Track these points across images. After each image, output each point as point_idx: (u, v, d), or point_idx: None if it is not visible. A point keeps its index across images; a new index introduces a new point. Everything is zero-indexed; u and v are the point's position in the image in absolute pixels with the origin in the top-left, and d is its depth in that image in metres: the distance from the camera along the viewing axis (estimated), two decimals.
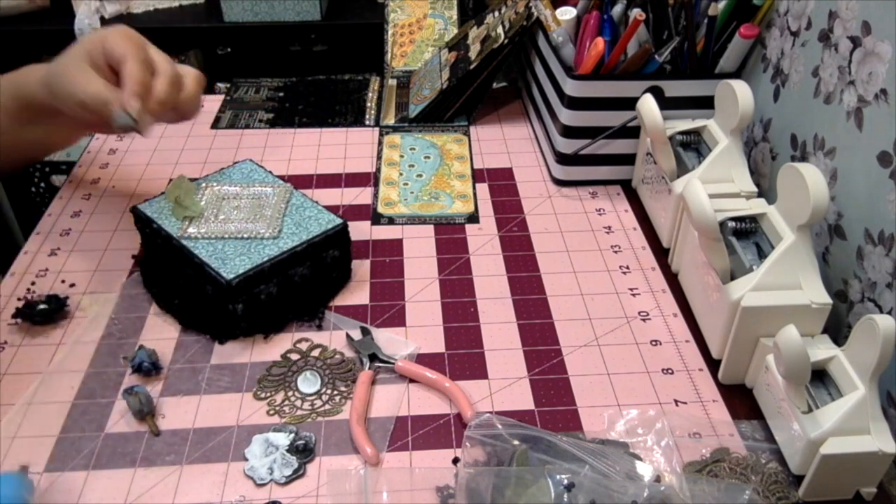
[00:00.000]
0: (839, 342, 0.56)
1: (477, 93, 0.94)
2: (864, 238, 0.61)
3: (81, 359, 0.62)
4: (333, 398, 0.59)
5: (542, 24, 0.85)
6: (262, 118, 0.97)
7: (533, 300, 0.69)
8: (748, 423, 0.58)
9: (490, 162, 0.89)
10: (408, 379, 0.61)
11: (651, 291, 0.70)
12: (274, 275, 0.63)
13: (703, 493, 0.51)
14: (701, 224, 0.58)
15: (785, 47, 0.75)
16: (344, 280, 0.70)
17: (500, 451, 0.52)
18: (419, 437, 0.56)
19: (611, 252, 0.75)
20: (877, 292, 0.60)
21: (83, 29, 1.57)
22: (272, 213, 0.66)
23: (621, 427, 0.57)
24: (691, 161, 0.74)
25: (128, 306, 0.67)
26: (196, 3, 1.66)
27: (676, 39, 0.77)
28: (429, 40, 1.08)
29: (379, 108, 0.99)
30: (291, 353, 0.63)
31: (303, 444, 0.54)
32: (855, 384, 0.51)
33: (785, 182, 0.60)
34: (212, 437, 0.56)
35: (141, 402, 0.57)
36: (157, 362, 0.61)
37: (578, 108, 0.79)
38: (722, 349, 0.61)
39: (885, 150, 0.59)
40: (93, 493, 0.52)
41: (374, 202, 0.81)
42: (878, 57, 0.60)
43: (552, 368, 0.62)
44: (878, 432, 0.50)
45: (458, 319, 0.67)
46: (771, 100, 0.77)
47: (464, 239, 0.76)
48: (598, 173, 0.84)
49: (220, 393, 0.59)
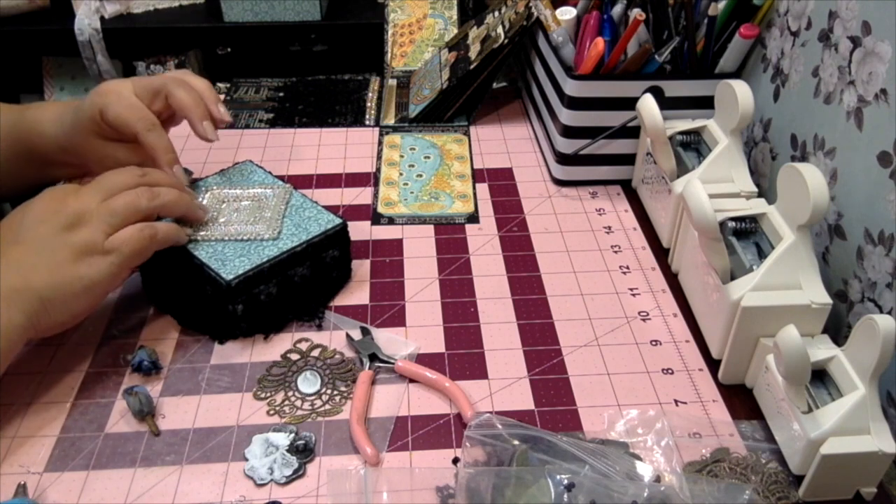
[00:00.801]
0: (839, 342, 0.56)
1: (477, 93, 0.94)
2: (864, 238, 0.61)
3: (81, 359, 0.62)
4: (333, 398, 0.59)
5: (542, 24, 0.85)
6: (262, 118, 0.97)
7: (533, 300, 0.69)
8: (748, 423, 0.58)
9: (490, 162, 0.89)
10: (408, 379, 0.61)
11: (651, 291, 0.70)
12: (274, 275, 0.63)
13: (703, 493, 0.51)
14: (701, 224, 0.58)
15: (785, 47, 0.75)
16: (344, 280, 0.70)
17: (500, 451, 0.52)
18: (419, 437, 0.56)
19: (611, 252, 0.75)
20: (877, 292, 0.60)
21: (83, 29, 1.57)
22: (272, 215, 0.66)
23: (621, 427, 0.57)
24: (691, 161, 0.74)
25: (128, 306, 0.67)
26: (196, 3, 1.66)
27: (676, 39, 0.77)
28: (429, 40, 1.08)
29: (379, 108, 0.99)
30: (291, 353, 0.63)
31: (303, 445, 0.54)
32: (855, 384, 0.51)
33: (785, 182, 0.60)
34: (212, 437, 0.56)
35: (141, 403, 0.57)
36: (157, 362, 0.61)
37: (578, 108, 0.79)
38: (722, 349, 0.61)
39: (885, 150, 0.59)
40: (93, 493, 0.52)
41: (374, 202, 0.81)
42: (878, 57, 0.60)
43: (552, 368, 0.62)
44: (878, 432, 0.50)
45: (458, 319, 0.67)
46: (771, 100, 0.77)
47: (464, 239, 0.76)
48: (598, 173, 0.84)
49: (220, 393, 0.59)
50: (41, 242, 0.55)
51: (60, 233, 0.56)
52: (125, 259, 0.58)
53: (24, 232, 0.56)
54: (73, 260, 0.55)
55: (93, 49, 1.60)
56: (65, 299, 0.55)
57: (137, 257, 0.59)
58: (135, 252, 0.58)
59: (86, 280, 0.56)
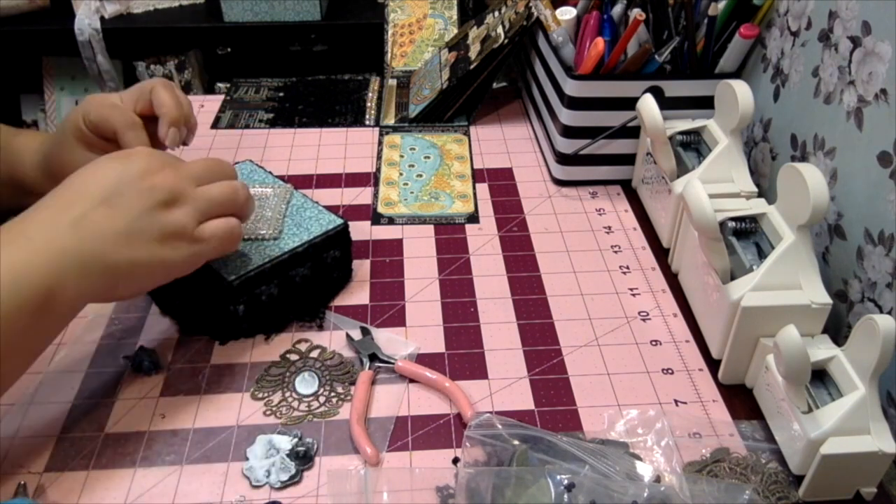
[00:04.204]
0: (839, 342, 0.56)
1: (477, 93, 0.94)
2: (864, 238, 0.61)
3: (81, 359, 0.62)
4: (331, 400, 0.59)
5: (542, 24, 0.85)
6: (262, 118, 0.97)
7: (533, 300, 0.69)
8: (748, 423, 0.58)
9: (490, 162, 0.89)
10: (408, 379, 0.61)
11: (651, 291, 0.70)
12: (275, 275, 0.63)
13: (703, 493, 0.51)
14: (701, 224, 0.58)
15: (785, 47, 0.75)
16: (344, 280, 0.70)
17: (500, 451, 0.52)
18: (419, 437, 0.56)
19: (611, 252, 0.75)
20: (877, 292, 0.60)
21: (83, 29, 1.57)
22: (273, 215, 0.66)
23: (621, 427, 0.57)
24: (691, 161, 0.74)
25: (128, 306, 0.67)
26: (196, 3, 1.66)
27: (676, 39, 0.77)
28: (429, 40, 1.08)
29: (379, 108, 0.99)
30: (290, 353, 0.63)
31: (303, 451, 0.54)
32: (855, 384, 0.51)
33: (785, 182, 0.60)
34: (212, 437, 0.56)
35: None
36: (157, 362, 0.61)
37: (578, 108, 0.79)
38: (722, 349, 0.61)
39: (885, 150, 0.59)
40: (93, 493, 0.52)
41: (374, 202, 0.81)
42: (878, 57, 0.60)
43: (552, 368, 0.62)
44: (878, 432, 0.50)
45: (458, 319, 0.67)
46: (771, 100, 0.77)
47: (464, 239, 0.76)
48: (598, 173, 0.84)
49: (220, 393, 0.59)
50: (132, 213, 0.52)
51: (154, 209, 0.52)
52: (210, 251, 0.56)
53: (116, 196, 0.52)
54: (160, 241, 0.52)
55: (93, 49, 1.60)
56: (139, 277, 0.53)
57: (220, 252, 0.57)
58: (221, 247, 0.56)
59: (167, 263, 0.53)
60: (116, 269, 0.51)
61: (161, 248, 0.53)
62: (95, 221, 0.51)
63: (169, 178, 0.54)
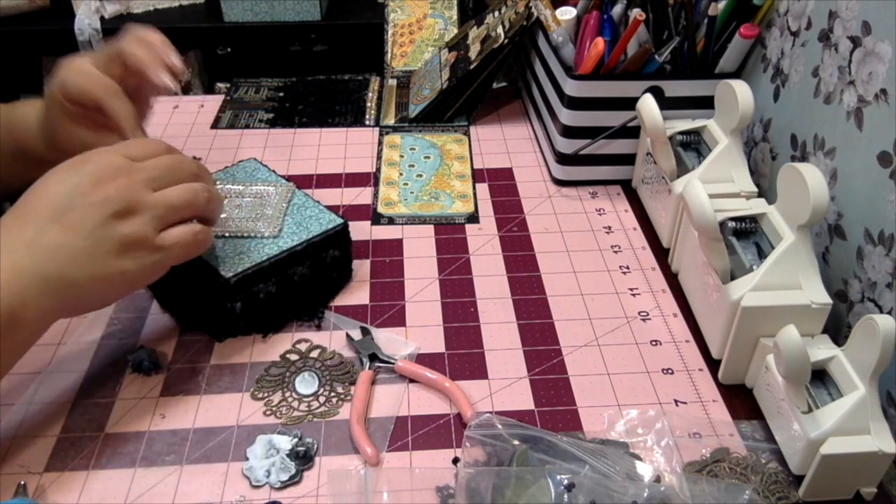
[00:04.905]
0: (839, 342, 0.56)
1: (477, 93, 0.94)
2: (864, 238, 0.61)
3: (81, 359, 0.62)
4: (331, 400, 0.59)
5: (542, 24, 0.85)
6: (262, 118, 0.97)
7: (533, 300, 0.69)
8: (748, 423, 0.58)
9: (490, 162, 0.89)
10: (408, 379, 0.61)
11: (651, 291, 0.70)
12: (273, 274, 0.62)
13: (703, 493, 0.51)
14: (701, 224, 0.58)
15: (785, 47, 0.75)
16: (344, 280, 0.70)
17: (500, 451, 0.52)
18: (419, 437, 0.56)
19: (611, 252, 0.75)
20: (877, 292, 0.60)
21: (83, 29, 1.57)
22: (273, 213, 0.66)
23: (621, 427, 0.57)
24: (691, 161, 0.74)
25: (128, 306, 0.67)
26: (196, 3, 1.66)
27: (676, 39, 0.77)
28: (429, 40, 1.08)
29: (379, 108, 0.99)
30: (290, 353, 0.63)
31: (303, 451, 0.54)
32: (855, 384, 0.51)
33: (785, 182, 0.60)
34: (212, 437, 0.56)
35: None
36: (157, 362, 0.61)
37: (578, 108, 0.79)
38: (722, 349, 0.61)
39: (885, 150, 0.59)
40: (93, 493, 0.52)
41: (374, 202, 0.81)
42: (878, 57, 0.60)
43: (552, 368, 0.62)
44: (878, 432, 0.50)
45: (458, 319, 0.67)
46: (771, 100, 0.77)
47: (464, 239, 0.76)
48: (598, 173, 0.84)
49: (220, 393, 0.59)
50: (86, 228, 0.50)
51: (109, 221, 0.51)
52: (173, 259, 0.54)
53: (67, 212, 0.50)
54: (119, 253, 0.51)
55: (93, 49, 1.60)
56: (101, 290, 0.52)
57: (184, 259, 0.56)
58: (185, 253, 0.55)
59: (127, 275, 0.52)
60: (77, 285, 0.50)
61: (121, 260, 0.51)
62: (50, 240, 0.50)
63: (122, 187, 0.52)
